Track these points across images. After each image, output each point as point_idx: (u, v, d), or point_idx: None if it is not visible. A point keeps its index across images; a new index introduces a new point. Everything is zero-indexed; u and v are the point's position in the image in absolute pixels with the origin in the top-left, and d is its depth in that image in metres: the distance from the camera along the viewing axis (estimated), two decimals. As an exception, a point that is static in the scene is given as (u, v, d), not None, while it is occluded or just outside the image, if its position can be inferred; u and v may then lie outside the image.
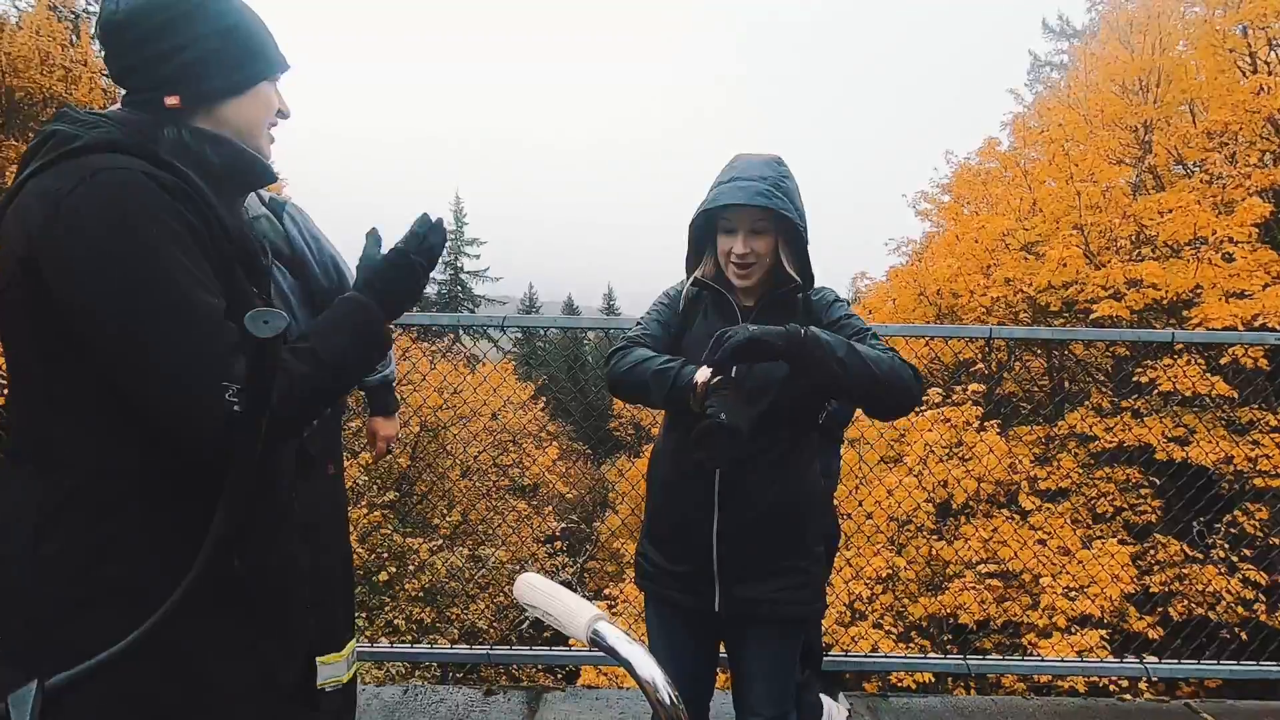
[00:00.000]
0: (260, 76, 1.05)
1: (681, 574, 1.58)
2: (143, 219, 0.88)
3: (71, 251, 0.86)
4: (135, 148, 0.92)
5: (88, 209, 0.86)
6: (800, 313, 1.57)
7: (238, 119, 1.04)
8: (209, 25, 1.00)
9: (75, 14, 12.30)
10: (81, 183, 0.87)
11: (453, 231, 28.45)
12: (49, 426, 0.92)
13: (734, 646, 1.62)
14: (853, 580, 6.40)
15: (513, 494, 12.51)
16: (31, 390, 0.93)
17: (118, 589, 0.89)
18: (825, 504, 1.67)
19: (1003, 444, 7.08)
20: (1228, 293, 6.75)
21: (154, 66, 0.99)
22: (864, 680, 6.02)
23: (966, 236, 9.00)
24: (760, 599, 1.53)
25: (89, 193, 0.87)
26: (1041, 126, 10.24)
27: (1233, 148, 7.87)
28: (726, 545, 1.52)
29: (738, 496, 1.51)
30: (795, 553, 1.56)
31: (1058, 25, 22.50)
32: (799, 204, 1.52)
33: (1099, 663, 2.95)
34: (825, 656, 2.70)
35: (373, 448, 2.22)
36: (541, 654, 2.81)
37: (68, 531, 0.89)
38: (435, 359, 8.91)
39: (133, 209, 0.87)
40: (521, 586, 0.86)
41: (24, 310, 0.90)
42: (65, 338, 0.89)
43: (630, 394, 1.58)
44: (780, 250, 1.53)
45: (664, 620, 1.64)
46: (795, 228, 1.50)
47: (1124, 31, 9.57)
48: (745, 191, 1.48)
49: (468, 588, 9.55)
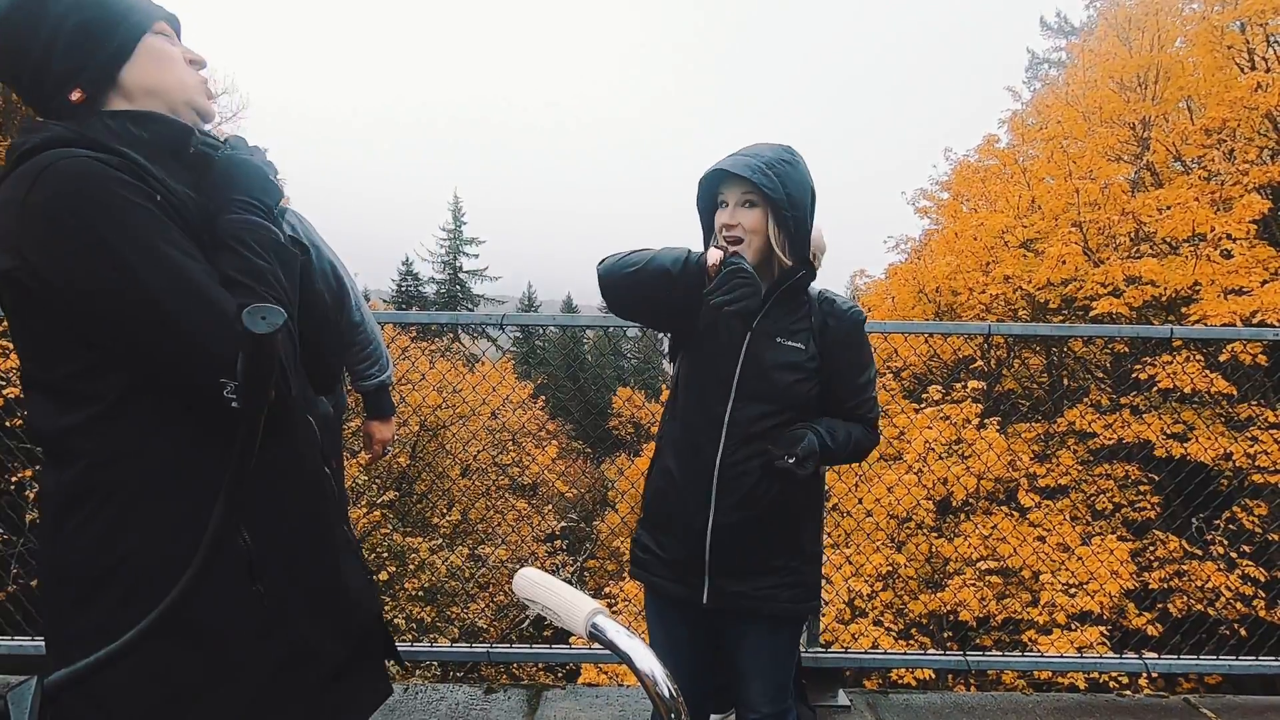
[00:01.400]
0: (138, 32, 1.02)
1: (672, 562, 1.58)
2: (106, 196, 0.89)
3: (52, 245, 0.88)
4: (75, 139, 0.94)
5: (52, 202, 0.88)
6: (813, 313, 1.56)
7: (144, 82, 1.02)
8: (59, 6, 0.97)
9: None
10: (37, 180, 0.88)
11: (451, 231, 28.43)
12: (59, 420, 0.94)
13: (728, 643, 1.62)
14: (853, 578, 6.41)
15: (512, 493, 12.52)
16: (38, 389, 0.97)
17: (132, 569, 0.93)
18: (819, 506, 1.68)
19: (1002, 441, 7.08)
20: (1226, 289, 6.75)
21: (40, 72, 0.99)
22: (864, 677, 6.03)
23: (965, 234, 9.01)
24: (748, 594, 1.53)
25: (48, 186, 0.88)
26: (1040, 124, 10.24)
27: (1231, 144, 7.87)
28: (720, 538, 1.52)
29: (736, 491, 1.51)
30: (789, 552, 1.56)
31: (1056, 23, 22.52)
32: (793, 189, 1.49)
33: (1098, 658, 2.95)
34: (826, 653, 2.71)
35: (369, 450, 2.22)
36: (542, 652, 2.81)
37: (82, 516, 0.93)
38: (434, 358, 8.92)
39: (93, 190, 0.89)
40: (520, 581, 0.86)
41: (18, 316, 0.94)
42: (59, 331, 0.92)
43: (632, 278, 1.50)
44: (771, 232, 1.51)
45: (662, 613, 1.64)
46: (782, 210, 1.48)
47: (1122, 28, 9.58)
48: (736, 163, 1.49)
49: (468, 587, 9.55)
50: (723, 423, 1.52)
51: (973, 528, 6.90)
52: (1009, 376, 8.73)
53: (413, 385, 8.81)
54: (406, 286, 27.82)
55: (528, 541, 11.04)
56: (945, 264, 8.84)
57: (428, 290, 27.97)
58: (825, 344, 1.54)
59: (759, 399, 1.51)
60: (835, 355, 1.55)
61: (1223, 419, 6.79)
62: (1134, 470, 7.09)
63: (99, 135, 0.96)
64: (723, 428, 1.52)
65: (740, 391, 1.52)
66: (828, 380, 1.56)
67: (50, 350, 0.94)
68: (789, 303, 1.56)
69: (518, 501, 12.33)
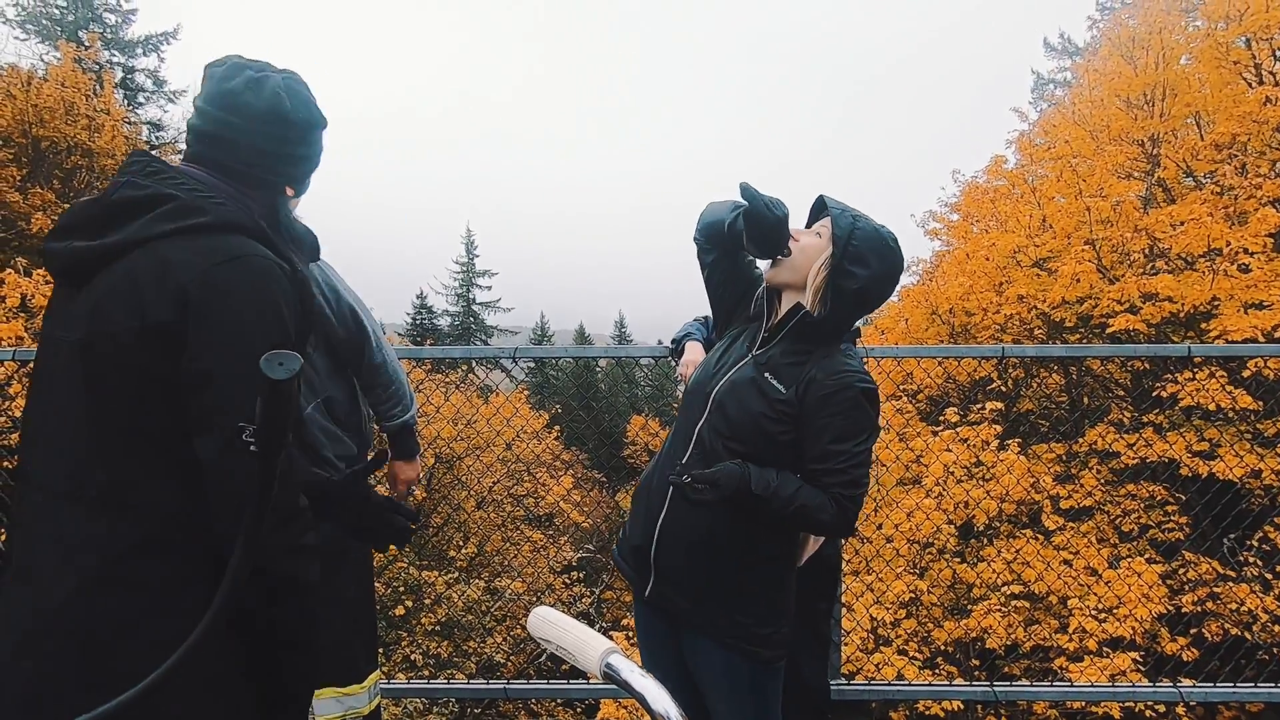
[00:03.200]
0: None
1: (633, 549, 1.66)
2: (277, 305, 1.02)
3: (219, 322, 0.97)
4: (256, 231, 1.05)
5: (238, 288, 0.99)
6: (810, 363, 1.52)
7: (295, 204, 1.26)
8: (320, 141, 1.20)
9: (99, 64, 12.74)
10: (229, 261, 1.00)
11: (464, 264, 28.79)
12: (126, 470, 0.98)
13: (689, 658, 1.62)
14: (874, 606, 6.29)
15: (528, 524, 12.46)
16: (111, 435, 0.99)
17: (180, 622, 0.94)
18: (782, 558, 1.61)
19: (1023, 463, 6.97)
20: (1246, 304, 6.66)
21: (289, 162, 1.16)
22: (890, 709, 5.88)
23: (977, 254, 8.98)
24: (691, 611, 1.57)
25: (237, 274, 1.00)
26: (1048, 144, 10.26)
27: (1242, 159, 7.83)
28: (664, 541, 1.59)
29: (680, 511, 1.57)
30: (728, 583, 1.55)
31: (1059, 44, 22.65)
32: (862, 246, 1.48)
33: (1131, 687, 2.87)
34: (850, 685, 2.65)
35: (394, 490, 2.22)
36: (560, 688, 2.78)
37: (132, 572, 0.96)
38: (449, 390, 8.96)
39: (270, 297, 1.02)
40: (535, 621, 0.87)
41: (134, 360, 0.98)
42: (171, 393, 0.98)
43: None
44: (814, 270, 1.52)
45: (643, 615, 1.71)
46: (840, 258, 1.48)
47: (1126, 47, 9.61)
48: (837, 203, 1.56)
49: (484, 621, 9.47)
50: (693, 435, 1.59)
51: (996, 552, 6.76)
52: (1027, 397, 8.62)
53: (428, 419, 8.85)
54: (421, 319, 28.09)
55: (544, 573, 10.96)
56: (958, 285, 8.80)
57: (442, 323, 28.22)
58: (806, 397, 1.49)
59: (726, 422, 1.55)
60: (811, 411, 1.49)
61: (1249, 435, 6.65)
62: (1160, 490, 6.94)
63: (270, 225, 1.12)
64: (692, 439, 1.59)
65: (713, 409, 1.58)
66: (800, 435, 1.51)
67: (152, 401, 1.00)
68: (794, 345, 1.55)
69: (533, 533, 12.26)
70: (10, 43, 15.34)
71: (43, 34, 15.42)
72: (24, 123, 9.93)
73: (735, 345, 1.65)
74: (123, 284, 0.97)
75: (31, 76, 10.83)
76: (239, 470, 0.95)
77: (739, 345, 1.64)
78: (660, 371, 29.12)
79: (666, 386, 30.53)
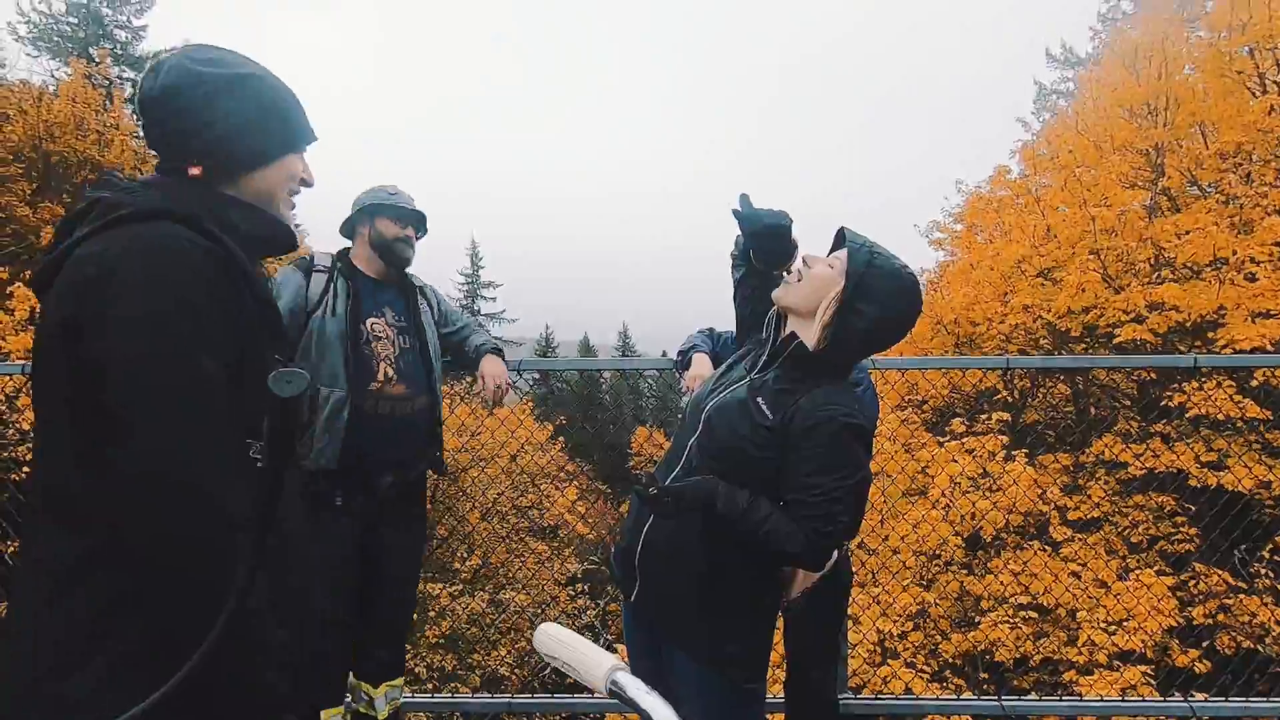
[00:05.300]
0: (285, 150, 1.13)
1: (623, 551, 1.66)
2: (184, 289, 0.93)
3: (115, 311, 0.90)
4: (180, 215, 0.98)
5: (134, 272, 0.91)
6: (799, 394, 1.49)
7: (260, 187, 1.11)
8: (235, 103, 1.06)
9: (109, 80, 12.89)
10: (129, 244, 0.93)
11: (469, 275, 28.93)
12: (73, 484, 0.95)
13: (666, 667, 1.62)
14: (880, 618, 6.24)
15: (533, 536, 12.42)
16: (59, 448, 0.97)
17: (130, 645, 0.92)
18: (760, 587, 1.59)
19: (1030, 473, 6.93)
20: (1254, 313, 6.63)
21: (183, 140, 1.06)
22: (898, 723, 5.81)
23: (981, 264, 8.97)
24: (667, 619, 1.58)
25: (135, 258, 0.92)
26: (1051, 154, 10.27)
27: (1248, 168, 7.82)
28: (648, 548, 1.60)
29: (660, 521, 1.57)
30: (702, 600, 1.54)
31: (1062, 54, 22.72)
32: (874, 284, 1.45)
33: (1142, 701, 2.83)
34: (856, 699, 2.63)
35: (484, 389, 2.28)
36: (564, 702, 2.76)
37: (86, 587, 0.91)
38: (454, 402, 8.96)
39: (176, 278, 0.93)
40: (541, 637, 0.87)
41: (63, 368, 0.94)
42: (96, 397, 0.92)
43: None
44: (823, 305, 1.48)
45: (629, 619, 1.72)
46: (851, 294, 1.45)
47: (1129, 57, 9.64)
48: (857, 235, 1.55)
49: (489, 633, 9.43)
50: (685, 448, 1.60)
51: (1003, 564, 6.71)
52: (1033, 407, 8.58)
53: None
54: (426, 331, 28.17)
55: (549, 585, 10.91)
56: (962, 295, 8.79)
57: (447, 334, 28.33)
58: (790, 426, 1.46)
59: (712, 441, 1.56)
60: (794, 441, 1.45)
61: (1259, 446, 6.60)
62: (1169, 500, 6.88)
63: (204, 214, 1.01)
64: (684, 452, 1.60)
65: (704, 427, 1.59)
66: (782, 464, 1.47)
67: (82, 407, 0.94)
68: (789, 372, 1.53)
69: (538, 545, 12.22)
70: (22, 59, 15.55)
71: (54, 51, 15.64)
72: (35, 138, 10.05)
73: (738, 365, 1.67)
74: (54, 290, 0.96)
75: (43, 93, 10.98)
76: (151, 485, 0.89)
77: (741, 366, 1.66)
78: (665, 383, 29.10)
79: (671, 398, 30.51)
